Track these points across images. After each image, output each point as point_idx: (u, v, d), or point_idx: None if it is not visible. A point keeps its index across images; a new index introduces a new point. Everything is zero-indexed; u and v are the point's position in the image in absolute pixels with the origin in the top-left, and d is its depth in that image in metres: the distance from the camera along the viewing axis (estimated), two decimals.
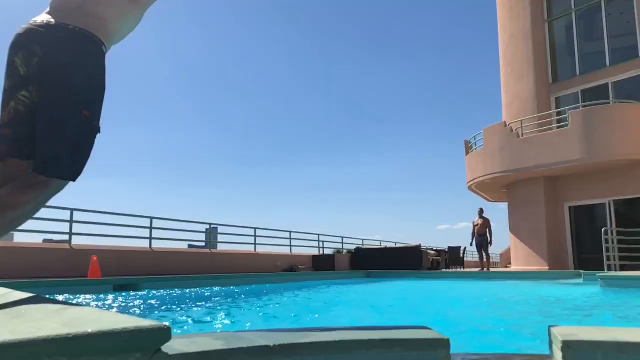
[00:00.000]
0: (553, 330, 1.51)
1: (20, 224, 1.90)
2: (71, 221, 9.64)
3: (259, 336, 1.23)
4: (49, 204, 2.06)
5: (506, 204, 18.18)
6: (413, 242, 17.94)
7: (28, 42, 1.92)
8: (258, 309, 5.57)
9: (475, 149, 18.27)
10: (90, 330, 0.88)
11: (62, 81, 1.90)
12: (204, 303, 6.17)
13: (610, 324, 4.29)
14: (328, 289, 8.89)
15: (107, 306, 5.46)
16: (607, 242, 12.47)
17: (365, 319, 4.94)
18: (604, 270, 11.97)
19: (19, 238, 9.57)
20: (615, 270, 12.27)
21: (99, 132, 2.01)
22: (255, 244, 14.66)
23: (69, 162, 1.91)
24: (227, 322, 4.31)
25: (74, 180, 1.95)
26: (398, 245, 21.05)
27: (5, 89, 1.96)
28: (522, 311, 5.49)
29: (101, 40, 2.02)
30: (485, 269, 15.25)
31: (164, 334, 0.97)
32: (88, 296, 6.50)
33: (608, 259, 12.42)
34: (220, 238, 14.79)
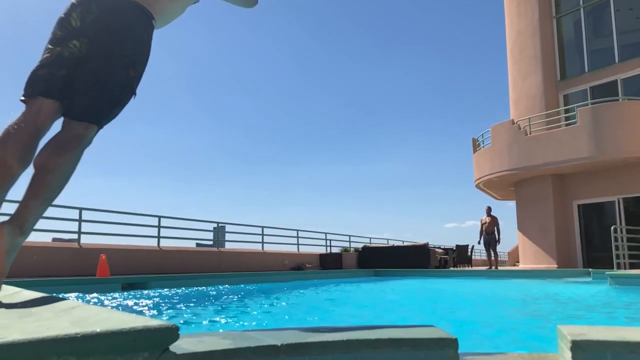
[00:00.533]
0: (562, 329, 1.50)
1: (60, 189, 1.95)
2: (80, 220, 9.70)
3: (267, 335, 1.23)
4: (58, 203, 2.10)
5: (514, 202, 18.09)
6: (420, 241, 17.90)
7: (87, 1, 2.05)
8: (265, 307, 5.59)
9: (483, 146, 18.20)
10: (98, 330, 0.89)
11: (114, 40, 2.02)
12: (211, 302, 6.20)
13: (619, 322, 4.26)
14: (335, 288, 8.89)
15: (115, 305, 5.49)
16: (616, 240, 12.38)
17: (373, 317, 4.93)
18: (613, 268, 11.89)
19: (28, 237, 9.64)
20: (625, 269, 12.18)
21: (135, 96, 2.12)
22: (262, 242, 14.69)
23: (106, 114, 2.02)
24: (234, 321, 4.32)
25: (100, 128, 2.05)
26: (405, 244, 21.02)
27: (54, 37, 2.04)
28: (530, 310, 5.46)
29: (152, 15, 2.15)
30: (493, 268, 15.19)
31: (172, 334, 0.97)
32: (97, 295, 6.55)
33: (617, 257, 12.33)
34: (227, 237, 14.83)
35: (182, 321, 4.15)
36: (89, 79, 1.98)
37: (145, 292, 7.23)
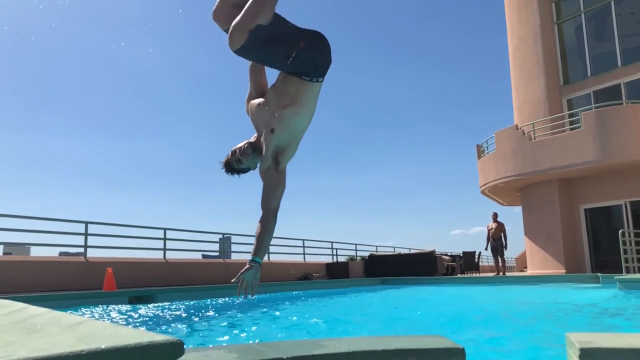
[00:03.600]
0: (570, 337, 1.49)
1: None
2: (86, 234, 9.73)
3: (273, 348, 1.23)
4: (64, 217, 2.14)
5: (520, 207, 18.01)
6: (427, 248, 17.83)
7: None
8: (272, 319, 5.57)
9: (487, 152, 18.16)
10: (104, 346, 0.89)
11: None
12: (218, 314, 6.19)
13: (628, 329, 4.21)
14: (342, 297, 8.86)
15: (122, 318, 5.49)
16: (624, 244, 12.29)
17: (380, 327, 4.91)
18: (622, 272, 11.79)
19: (35, 252, 9.69)
20: (634, 272, 12.08)
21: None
22: (268, 252, 14.67)
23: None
24: (240, 333, 4.30)
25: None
26: (412, 251, 20.93)
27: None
28: (538, 316, 5.42)
29: None
30: (501, 274, 15.10)
31: (177, 349, 0.97)
32: (104, 308, 6.54)
33: (626, 261, 12.23)
34: (233, 248, 14.82)
35: (188, 334, 4.14)
36: None
37: (152, 305, 7.23)
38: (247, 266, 2.62)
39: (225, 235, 13.86)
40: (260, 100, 2.82)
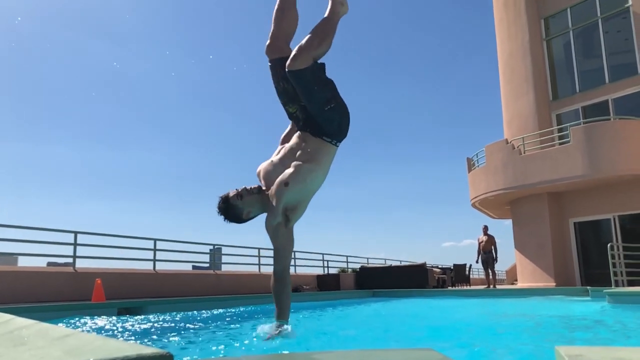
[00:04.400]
0: (559, 350, 1.50)
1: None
2: (75, 244, 9.64)
3: None
4: (52, 226, 2.14)
5: (510, 220, 18.10)
6: (418, 260, 17.84)
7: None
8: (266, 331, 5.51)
9: (478, 166, 18.29)
10: (91, 359, 0.89)
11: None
12: (209, 325, 6.13)
13: (617, 342, 4.23)
14: (333, 309, 8.82)
15: (111, 330, 5.43)
16: (613, 257, 12.38)
17: (371, 339, 4.89)
18: (611, 286, 11.86)
19: (23, 262, 9.58)
20: (624, 286, 12.15)
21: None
22: (259, 264, 14.60)
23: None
24: (231, 346, 4.27)
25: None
26: (403, 264, 20.93)
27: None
28: (528, 329, 5.43)
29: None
30: (491, 286, 15.13)
31: None
32: (92, 320, 6.47)
33: (615, 274, 12.32)
34: (224, 259, 14.74)
35: (178, 347, 4.10)
36: None
37: (142, 316, 7.15)
38: (276, 331, 2.74)
39: (215, 247, 13.79)
40: (273, 158, 2.86)
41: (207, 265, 14.44)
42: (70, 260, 9.67)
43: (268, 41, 2.90)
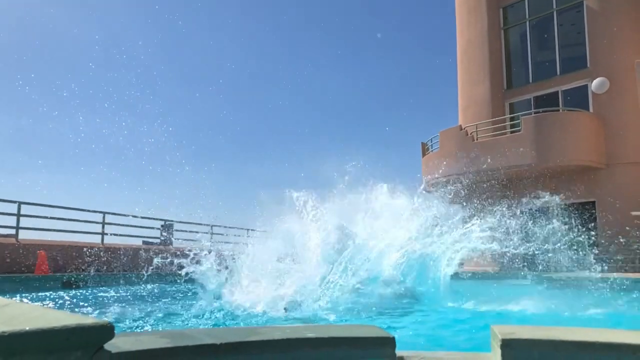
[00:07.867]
0: (494, 328, 1.57)
1: None
2: (18, 215, 9.27)
3: (206, 334, 1.23)
4: None
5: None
6: None
7: None
8: (207, 305, 5.51)
9: (432, 151, 18.64)
10: (27, 328, 0.86)
11: None
12: (155, 300, 6.07)
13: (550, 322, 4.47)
14: None
15: (54, 302, 5.29)
16: None
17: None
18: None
19: None
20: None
21: None
22: (211, 241, 14.48)
23: None
24: (177, 320, 4.25)
25: None
26: None
27: None
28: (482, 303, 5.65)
29: None
30: None
31: (107, 332, 0.95)
32: (35, 292, 6.28)
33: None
34: (176, 235, 14.55)
35: (121, 319, 4.05)
36: None
37: (87, 290, 7.00)
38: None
39: (167, 222, 13.58)
40: None
41: (158, 240, 14.21)
42: (12, 231, 9.29)
43: None
